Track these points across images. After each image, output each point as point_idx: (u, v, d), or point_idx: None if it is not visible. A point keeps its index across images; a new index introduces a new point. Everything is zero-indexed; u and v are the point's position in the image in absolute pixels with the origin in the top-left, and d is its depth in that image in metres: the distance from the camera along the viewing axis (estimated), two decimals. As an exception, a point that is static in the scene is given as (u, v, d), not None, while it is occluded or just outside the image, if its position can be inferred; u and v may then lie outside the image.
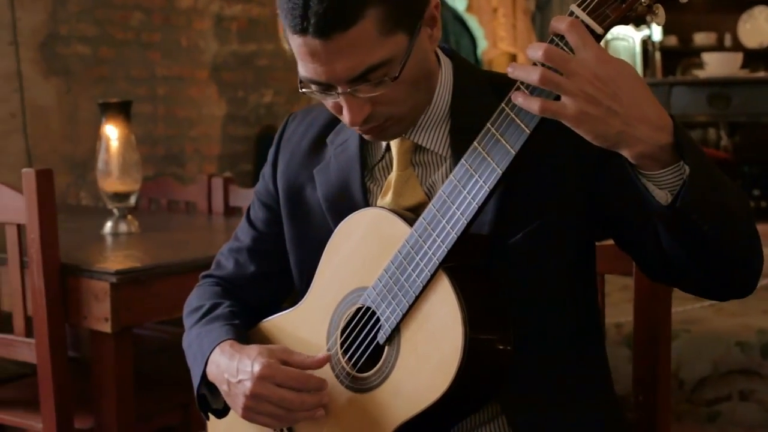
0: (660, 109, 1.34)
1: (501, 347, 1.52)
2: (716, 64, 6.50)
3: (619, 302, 3.81)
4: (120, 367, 2.56)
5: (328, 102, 1.60)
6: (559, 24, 1.34)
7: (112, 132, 3.19)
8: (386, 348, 1.57)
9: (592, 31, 1.34)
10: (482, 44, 7.55)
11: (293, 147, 1.82)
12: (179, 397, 2.87)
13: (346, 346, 1.63)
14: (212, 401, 1.78)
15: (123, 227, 3.17)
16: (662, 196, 1.37)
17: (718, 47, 8.91)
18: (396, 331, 1.55)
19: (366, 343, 1.60)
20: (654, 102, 1.34)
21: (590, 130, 1.32)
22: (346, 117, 1.56)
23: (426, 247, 1.51)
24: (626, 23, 1.37)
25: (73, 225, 3.49)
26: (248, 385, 1.61)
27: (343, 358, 1.63)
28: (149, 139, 5.72)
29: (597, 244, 1.78)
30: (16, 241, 2.60)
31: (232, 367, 1.65)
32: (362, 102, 1.55)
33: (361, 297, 1.61)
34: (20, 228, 2.59)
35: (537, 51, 1.33)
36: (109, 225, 3.18)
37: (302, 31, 1.49)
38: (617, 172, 1.44)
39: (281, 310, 1.80)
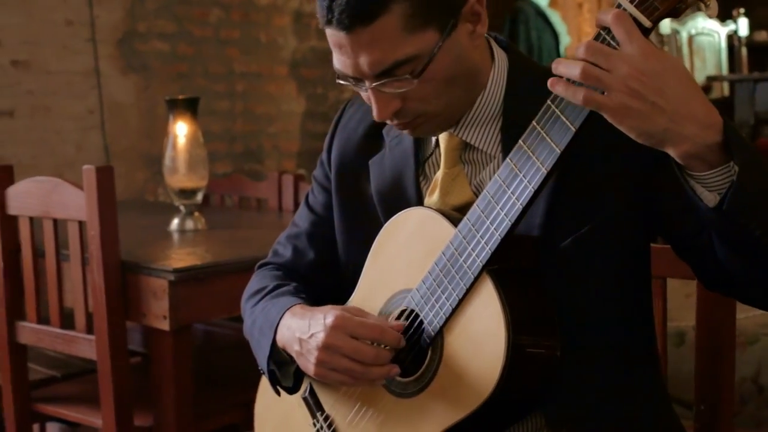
0: (709, 107, 1.27)
1: (547, 353, 1.46)
2: (805, 60, 6.32)
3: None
4: (178, 364, 2.54)
5: (362, 94, 1.56)
6: (605, 16, 1.28)
7: (179, 128, 3.19)
8: (429, 352, 1.52)
9: (640, 25, 1.27)
10: (565, 40, 7.44)
11: (349, 133, 1.78)
12: (242, 396, 2.85)
13: (390, 349, 1.58)
14: (282, 378, 1.71)
15: (189, 224, 3.17)
16: (711, 199, 1.30)
17: (812, 42, 8.67)
18: (439, 335, 1.51)
19: (410, 346, 1.55)
20: (703, 99, 1.27)
21: (634, 127, 1.26)
22: (374, 112, 1.53)
23: (470, 248, 1.46)
24: (676, 16, 1.30)
25: (143, 221, 3.51)
26: (321, 336, 1.54)
27: (388, 361, 1.58)
28: (227, 135, 5.74)
29: (659, 246, 1.71)
30: (77, 238, 2.61)
31: (303, 325, 1.59)
32: (390, 97, 1.51)
33: (405, 299, 1.57)
34: (82, 225, 2.59)
35: (579, 48, 1.27)
36: (175, 222, 3.18)
37: (328, 22, 1.48)
38: (672, 176, 1.36)
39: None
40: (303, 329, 1.59)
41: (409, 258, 1.59)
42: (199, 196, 3.21)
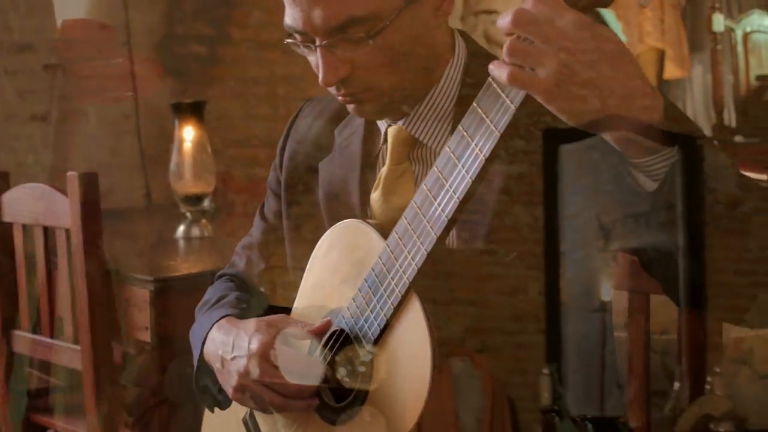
0: (648, 87, 1.15)
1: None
2: None
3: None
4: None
5: (310, 59, 1.48)
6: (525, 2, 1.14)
7: (186, 133, 3.13)
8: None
9: None
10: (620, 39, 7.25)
11: (301, 136, 1.71)
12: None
13: (322, 371, 1.48)
14: (217, 393, 1.63)
15: (195, 231, 3.09)
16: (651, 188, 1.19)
17: None
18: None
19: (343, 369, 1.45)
20: (642, 80, 1.15)
21: (564, 108, 1.13)
22: (320, 75, 1.44)
23: (397, 264, 1.36)
24: (604, 6, 1.18)
25: (156, 228, 3.45)
26: (242, 362, 1.48)
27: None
28: (269, 141, 5.65)
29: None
30: (65, 246, 2.55)
31: (227, 343, 1.53)
32: (340, 61, 1.42)
33: (337, 318, 1.47)
34: (68, 233, 2.53)
35: (505, 18, 1.13)
36: (181, 229, 3.11)
37: None
38: None
39: None
40: (226, 348, 1.52)
41: (342, 275, 1.50)
42: (206, 203, 3.14)
